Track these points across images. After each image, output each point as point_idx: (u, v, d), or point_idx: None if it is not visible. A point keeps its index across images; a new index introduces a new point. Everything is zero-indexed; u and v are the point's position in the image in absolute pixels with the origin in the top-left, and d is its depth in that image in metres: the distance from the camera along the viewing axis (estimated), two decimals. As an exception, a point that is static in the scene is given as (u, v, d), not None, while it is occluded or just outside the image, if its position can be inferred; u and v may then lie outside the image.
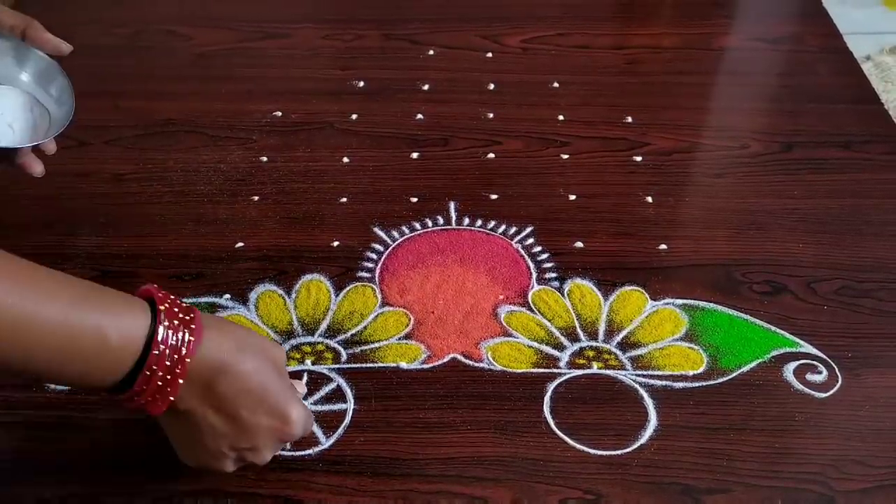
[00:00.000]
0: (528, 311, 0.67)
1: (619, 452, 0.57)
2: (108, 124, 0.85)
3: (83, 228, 0.73)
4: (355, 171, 0.80)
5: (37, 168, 0.63)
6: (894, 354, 0.64)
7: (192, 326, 0.46)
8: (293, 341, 0.64)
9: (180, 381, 0.45)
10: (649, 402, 0.60)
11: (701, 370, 0.62)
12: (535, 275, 0.70)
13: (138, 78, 0.93)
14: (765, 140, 0.84)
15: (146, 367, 0.44)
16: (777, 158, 0.82)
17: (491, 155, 0.82)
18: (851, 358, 0.63)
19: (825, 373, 0.62)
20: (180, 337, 0.45)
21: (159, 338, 0.44)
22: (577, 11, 1.04)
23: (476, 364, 0.63)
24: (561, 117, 0.87)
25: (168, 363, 0.45)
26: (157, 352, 0.44)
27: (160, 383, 0.45)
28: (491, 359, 0.63)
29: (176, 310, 0.46)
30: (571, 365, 0.63)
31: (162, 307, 0.46)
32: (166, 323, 0.45)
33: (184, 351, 0.45)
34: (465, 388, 0.61)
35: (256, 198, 0.77)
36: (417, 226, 0.74)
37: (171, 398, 0.46)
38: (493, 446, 0.58)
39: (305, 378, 0.61)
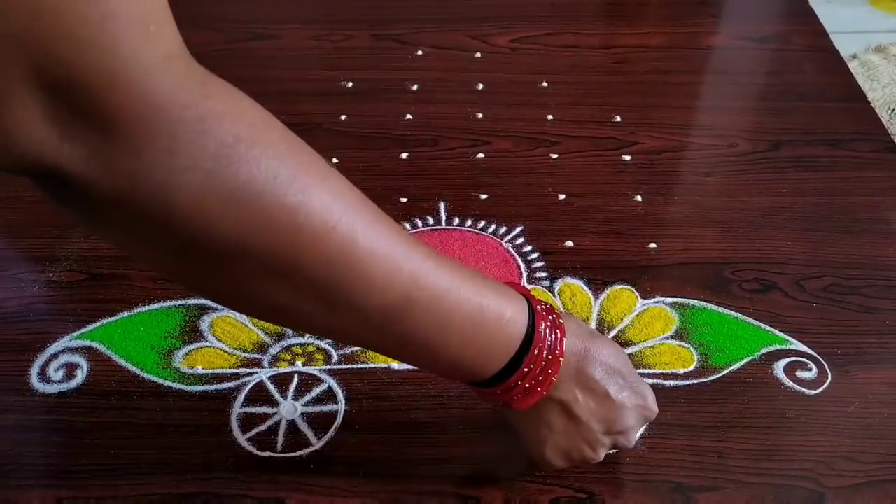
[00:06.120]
0: (518, 311, 0.67)
1: (610, 451, 0.57)
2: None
3: (72, 231, 0.73)
4: (344, 172, 0.78)
5: None
6: (882, 351, 0.64)
7: (560, 323, 0.47)
8: (284, 342, 0.64)
9: (553, 378, 0.46)
10: (640, 401, 0.60)
11: (691, 368, 0.63)
12: (525, 274, 0.70)
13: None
14: (753, 139, 0.85)
15: (527, 360, 0.45)
16: (765, 157, 0.82)
17: (480, 155, 0.82)
18: (840, 355, 0.63)
19: (815, 370, 0.62)
20: (556, 336, 0.46)
21: (540, 331, 0.45)
22: (565, 11, 1.05)
23: (467, 364, 0.63)
24: (550, 117, 0.87)
25: (544, 361, 0.45)
26: (536, 351, 0.45)
27: (539, 377, 0.46)
28: (482, 358, 0.63)
29: (546, 313, 0.46)
30: (562, 364, 0.63)
31: (538, 307, 0.46)
32: (547, 322, 0.46)
33: (558, 346, 0.46)
34: (456, 387, 0.61)
35: (245, 199, 0.76)
36: (407, 226, 0.74)
37: (543, 392, 0.46)
38: (484, 445, 0.58)
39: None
